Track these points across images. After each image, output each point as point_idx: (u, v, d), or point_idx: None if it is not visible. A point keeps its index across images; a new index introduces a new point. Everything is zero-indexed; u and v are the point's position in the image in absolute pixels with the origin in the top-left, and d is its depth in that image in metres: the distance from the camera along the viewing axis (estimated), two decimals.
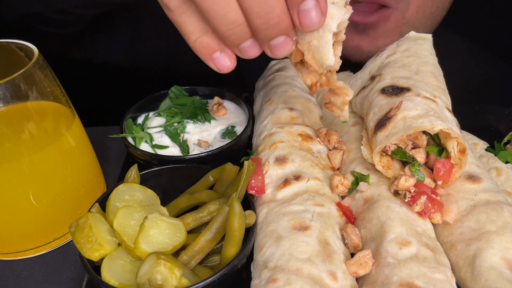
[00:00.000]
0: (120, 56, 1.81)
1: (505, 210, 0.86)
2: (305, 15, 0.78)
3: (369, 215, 0.91)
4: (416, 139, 0.96)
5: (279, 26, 0.79)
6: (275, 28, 0.79)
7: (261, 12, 0.76)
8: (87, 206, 1.00)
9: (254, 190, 0.96)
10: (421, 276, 0.77)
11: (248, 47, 0.83)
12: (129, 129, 1.20)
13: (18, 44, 1.01)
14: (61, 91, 1.04)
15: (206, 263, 0.91)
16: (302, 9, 0.78)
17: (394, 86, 1.03)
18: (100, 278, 0.82)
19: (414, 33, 1.18)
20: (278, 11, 0.77)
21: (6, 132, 0.94)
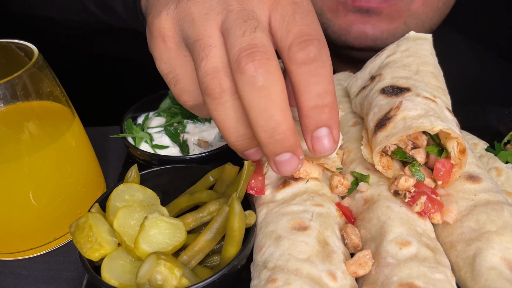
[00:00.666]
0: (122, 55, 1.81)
1: (505, 210, 0.86)
2: (318, 141, 0.81)
3: (369, 215, 0.91)
4: (416, 139, 0.96)
5: (284, 142, 0.79)
6: (280, 144, 0.79)
7: (266, 126, 0.77)
8: (87, 206, 1.00)
9: (254, 190, 0.96)
10: (421, 276, 0.77)
11: (252, 153, 0.90)
12: (129, 129, 1.20)
13: (18, 44, 1.01)
14: (61, 91, 1.04)
15: (206, 263, 0.91)
16: (315, 136, 0.80)
17: (394, 86, 1.03)
18: (100, 278, 0.82)
19: (414, 33, 1.18)
20: (284, 128, 0.78)
21: (6, 132, 0.94)
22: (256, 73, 0.75)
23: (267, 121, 0.77)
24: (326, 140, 0.81)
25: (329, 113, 0.80)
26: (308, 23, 0.80)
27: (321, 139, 0.81)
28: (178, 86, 0.89)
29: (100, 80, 1.91)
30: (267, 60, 0.75)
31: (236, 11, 0.80)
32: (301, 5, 0.82)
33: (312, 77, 0.77)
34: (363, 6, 1.47)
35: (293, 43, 0.78)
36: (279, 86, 0.76)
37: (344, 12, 1.51)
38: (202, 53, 0.80)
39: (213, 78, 0.79)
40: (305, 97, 0.78)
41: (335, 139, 0.82)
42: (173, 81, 0.89)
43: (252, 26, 0.78)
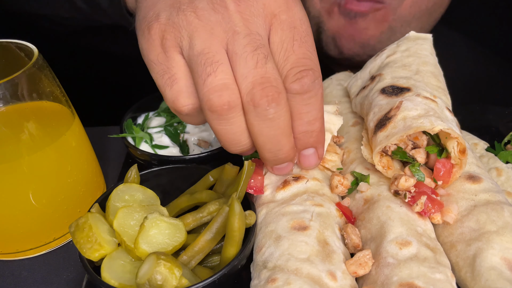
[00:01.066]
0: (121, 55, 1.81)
1: (505, 210, 0.86)
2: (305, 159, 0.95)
3: (369, 215, 0.91)
4: (416, 139, 0.96)
5: (285, 159, 0.92)
6: (281, 160, 0.92)
7: (273, 149, 0.88)
8: (87, 206, 1.00)
9: (253, 190, 0.96)
10: (421, 276, 0.76)
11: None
12: (129, 129, 1.20)
13: (18, 44, 1.01)
14: (61, 91, 1.04)
15: (206, 263, 0.91)
16: (303, 154, 0.94)
17: (394, 86, 1.03)
18: (100, 278, 0.82)
19: (414, 33, 1.18)
20: (286, 149, 0.89)
21: (6, 132, 0.94)
22: (268, 107, 0.82)
23: (274, 145, 0.87)
24: (312, 158, 0.95)
25: (316, 137, 0.91)
26: (305, 51, 0.86)
27: (308, 157, 0.94)
28: (175, 88, 0.87)
29: (100, 80, 1.91)
30: (278, 94, 0.82)
31: (243, 34, 0.83)
32: (300, 29, 0.86)
33: (304, 106, 0.86)
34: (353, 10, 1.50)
35: (289, 74, 0.85)
36: (286, 117, 0.85)
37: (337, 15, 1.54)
38: (209, 68, 0.81)
39: (221, 95, 0.81)
40: (297, 123, 0.88)
41: (320, 157, 0.96)
42: (169, 82, 0.88)
43: (263, 56, 0.83)
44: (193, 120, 0.94)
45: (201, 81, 0.82)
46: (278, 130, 0.85)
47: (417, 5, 1.51)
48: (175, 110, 0.91)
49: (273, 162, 0.92)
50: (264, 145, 0.87)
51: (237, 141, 0.88)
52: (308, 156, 0.94)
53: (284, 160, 0.92)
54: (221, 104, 0.81)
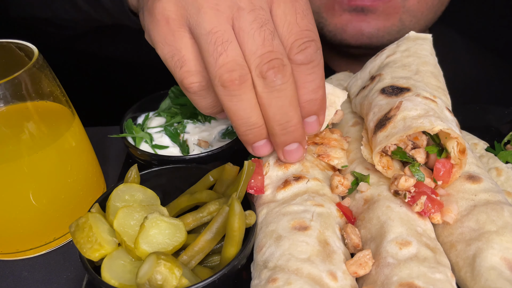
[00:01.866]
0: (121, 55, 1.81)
1: (505, 210, 0.86)
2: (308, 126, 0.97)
3: (369, 215, 0.91)
4: (416, 139, 0.96)
5: (294, 134, 0.93)
6: (291, 135, 0.94)
7: (282, 120, 0.91)
8: (87, 206, 1.00)
9: (253, 190, 0.96)
10: (421, 276, 0.77)
11: (261, 146, 0.97)
12: (129, 129, 1.20)
13: (18, 44, 1.01)
14: (61, 91, 1.04)
15: (206, 263, 0.91)
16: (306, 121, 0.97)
17: (394, 86, 1.03)
18: (100, 278, 0.82)
19: (414, 33, 1.18)
20: (295, 121, 0.92)
21: (6, 132, 0.94)
22: (276, 78, 0.86)
23: (282, 116, 0.90)
24: (314, 125, 0.98)
25: (319, 105, 0.95)
26: (307, 24, 0.90)
27: (310, 124, 0.97)
28: (184, 68, 0.91)
29: (100, 80, 1.91)
30: (284, 66, 0.86)
31: (247, 9, 0.87)
32: (301, 2, 0.91)
33: (308, 75, 0.91)
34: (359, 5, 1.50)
35: (294, 45, 0.89)
36: (293, 87, 0.89)
37: (340, 11, 1.53)
38: (219, 48, 0.86)
39: (233, 71, 0.86)
40: (302, 91, 0.92)
41: (320, 123, 0.99)
42: (179, 64, 0.91)
43: (269, 33, 0.87)
44: (202, 100, 0.96)
45: (212, 60, 0.86)
46: (286, 100, 0.89)
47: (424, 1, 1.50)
48: (184, 88, 0.94)
49: (283, 138, 0.93)
50: (274, 117, 0.90)
51: (248, 118, 0.91)
52: (311, 123, 0.96)
53: (293, 135, 0.93)
54: (232, 79, 0.85)
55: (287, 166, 1.00)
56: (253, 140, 0.96)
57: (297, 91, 0.91)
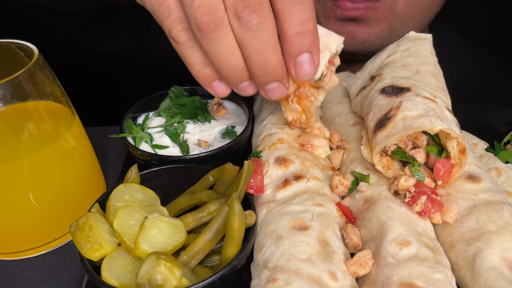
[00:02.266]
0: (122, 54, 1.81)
1: (505, 210, 0.86)
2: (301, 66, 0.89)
3: (369, 215, 0.91)
4: (416, 139, 0.96)
5: (274, 74, 0.89)
6: (270, 76, 0.90)
7: (259, 61, 0.87)
8: (87, 206, 1.00)
9: (253, 189, 0.96)
10: (421, 276, 0.77)
11: (246, 87, 0.94)
12: (129, 129, 1.20)
13: (18, 44, 1.01)
14: (61, 91, 1.04)
15: (206, 263, 0.91)
16: (298, 61, 0.89)
17: (394, 86, 1.03)
18: (100, 278, 0.82)
19: (414, 33, 1.18)
20: (273, 62, 0.87)
21: (6, 132, 0.94)
22: (250, 18, 0.82)
23: (260, 57, 0.86)
24: (308, 65, 0.89)
25: (311, 39, 0.87)
26: None
27: (303, 64, 0.89)
28: (171, 17, 0.89)
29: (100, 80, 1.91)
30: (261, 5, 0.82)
31: None
32: None
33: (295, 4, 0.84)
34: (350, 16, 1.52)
35: None
36: (270, 27, 0.84)
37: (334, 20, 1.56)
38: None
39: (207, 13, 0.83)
40: (289, 24, 0.85)
41: (316, 64, 0.90)
42: (166, 13, 0.89)
43: None
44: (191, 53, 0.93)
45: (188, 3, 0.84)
46: (262, 41, 0.85)
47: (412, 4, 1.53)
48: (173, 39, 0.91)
49: (262, 78, 0.90)
50: (251, 58, 0.87)
51: (227, 61, 0.88)
52: (304, 62, 0.89)
53: (272, 76, 0.90)
54: (207, 22, 0.83)
55: (287, 165, 1.00)
56: (236, 82, 0.93)
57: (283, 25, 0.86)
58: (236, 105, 1.32)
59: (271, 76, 0.90)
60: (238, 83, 0.93)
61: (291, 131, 1.10)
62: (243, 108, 1.29)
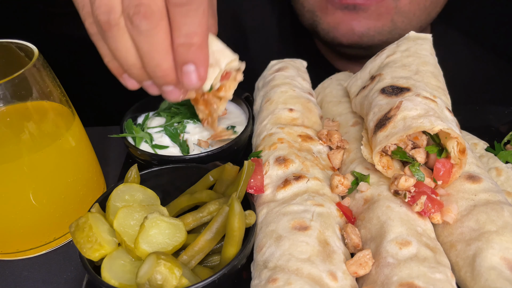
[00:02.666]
0: None
1: (505, 210, 0.86)
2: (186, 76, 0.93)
3: (369, 215, 0.91)
4: (416, 139, 0.96)
5: (165, 78, 0.93)
6: (162, 79, 0.94)
7: (150, 64, 0.92)
8: (87, 206, 1.00)
9: (253, 189, 0.96)
10: (421, 276, 0.77)
11: (149, 85, 0.98)
12: (129, 129, 1.20)
13: (18, 44, 1.01)
14: (61, 91, 1.04)
15: (206, 263, 0.91)
16: (184, 70, 0.93)
17: (394, 86, 1.03)
18: (100, 278, 0.82)
19: (414, 33, 1.18)
20: (164, 67, 0.92)
21: (6, 132, 0.94)
22: (140, 23, 0.87)
23: (150, 60, 0.91)
24: (192, 76, 0.93)
25: (196, 52, 0.92)
26: None
27: (188, 75, 0.93)
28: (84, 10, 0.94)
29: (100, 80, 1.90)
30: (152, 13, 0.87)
31: None
32: None
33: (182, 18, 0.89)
34: (350, 3, 1.50)
35: None
36: (161, 34, 0.89)
37: (332, 10, 1.54)
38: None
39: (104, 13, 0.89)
40: (175, 34, 0.91)
41: (201, 76, 0.94)
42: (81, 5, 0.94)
43: None
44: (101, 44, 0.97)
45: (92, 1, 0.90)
46: (152, 45, 0.89)
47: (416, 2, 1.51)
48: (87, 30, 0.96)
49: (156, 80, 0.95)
50: (144, 60, 0.92)
51: (125, 58, 0.93)
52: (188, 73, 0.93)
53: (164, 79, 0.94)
54: (104, 21, 0.89)
55: (287, 165, 1.00)
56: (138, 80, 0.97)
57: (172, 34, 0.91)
58: (236, 105, 1.32)
59: (163, 79, 0.94)
60: (140, 81, 0.97)
61: (291, 131, 1.10)
62: (243, 108, 1.29)
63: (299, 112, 1.17)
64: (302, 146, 1.07)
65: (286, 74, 1.31)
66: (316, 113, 1.20)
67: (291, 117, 1.15)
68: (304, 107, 1.19)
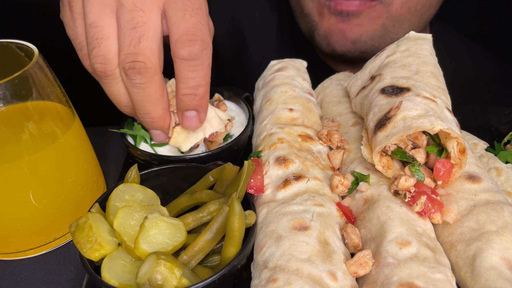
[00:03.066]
0: None
1: (505, 210, 0.86)
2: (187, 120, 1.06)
3: (369, 215, 0.91)
4: (416, 139, 0.96)
5: (153, 124, 1.07)
6: (150, 124, 1.07)
7: (140, 111, 1.04)
8: (87, 206, 1.00)
9: (253, 189, 0.96)
10: (421, 276, 0.77)
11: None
12: (129, 128, 1.20)
13: (18, 44, 1.01)
14: (61, 91, 1.04)
15: (206, 263, 0.91)
16: (185, 115, 1.06)
17: (394, 86, 1.03)
18: (100, 278, 0.82)
19: (414, 33, 1.18)
20: (153, 115, 1.04)
21: (6, 132, 0.94)
22: (134, 77, 0.96)
23: (141, 108, 1.03)
24: (193, 120, 1.06)
25: (199, 101, 1.03)
26: (195, 22, 0.97)
27: (189, 119, 1.06)
28: (82, 52, 1.02)
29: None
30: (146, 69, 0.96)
31: (127, 8, 0.96)
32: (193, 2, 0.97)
33: (189, 72, 0.98)
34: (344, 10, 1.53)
35: (179, 40, 0.96)
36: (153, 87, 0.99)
37: (328, 15, 1.57)
38: (94, 42, 0.97)
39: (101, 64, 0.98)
40: (181, 86, 1.00)
41: (201, 120, 1.08)
42: (79, 47, 1.03)
43: (138, 36, 0.95)
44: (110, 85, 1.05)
45: (89, 50, 0.98)
46: (143, 97, 0.99)
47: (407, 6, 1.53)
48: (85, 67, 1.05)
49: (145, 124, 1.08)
50: (135, 106, 1.03)
51: (119, 101, 1.05)
52: (190, 118, 1.05)
53: (152, 125, 1.07)
54: (100, 71, 0.99)
55: (287, 165, 1.01)
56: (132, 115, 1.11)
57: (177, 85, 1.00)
58: (236, 105, 1.32)
59: (151, 125, 1.07)
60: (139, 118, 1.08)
61: (291, 131, 1.10)
62: (243, 108, 1.29)
63: (299, 112, 1.17)
64: (302, 146, 1.07)
65: (286, 74, 1.31)
66: (316, 113, 1.20)
67: (291, 117, 1.15)
68: (304, 107, 1.19)
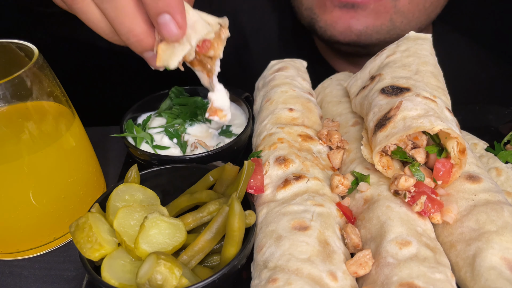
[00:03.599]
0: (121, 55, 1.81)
1: (505, 210, 0.86)
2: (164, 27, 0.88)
3: (369, 215, 0.91)
4: (416, 139, 0.96)
5: (141, 44, 0.91)
6: (138, 45, 0.91)
7: (121, 31, 0.90)
8: (87, 206, 1.00)
9: (253, 189, 0.96)
10: (421, 276, 0.77)
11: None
12: (129, 129, 1.20)
13: (18, 44, 1.01)
14: (61, 91, 1.04)
15: (206, 263, 0.91)
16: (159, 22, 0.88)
17: (394, 86, 1.03)
18: (100, 278, 0.82)
19: (414, 33, 1.18)
20: (136, 31, 0.89)
21: (6, 132, 0.94)
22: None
23: (120, 27, 0.89)
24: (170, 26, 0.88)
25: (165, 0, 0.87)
26: None
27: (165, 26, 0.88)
28: None
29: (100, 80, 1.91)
30: None
31: None
32: None
33: None
34: (349, 1, 1.49)
35: None
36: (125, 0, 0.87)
37: (331, 8, 1.53)
38: None
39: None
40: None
41: (180, 24, 0.89)
42: None
43: None
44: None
45: None
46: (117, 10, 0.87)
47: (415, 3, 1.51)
48: None
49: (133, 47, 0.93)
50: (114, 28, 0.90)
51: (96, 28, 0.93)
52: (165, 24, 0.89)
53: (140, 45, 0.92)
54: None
55: (287, 165, 1.00)
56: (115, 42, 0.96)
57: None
58: (236, 105, 1.32)
59: (139, 45, 0.91)
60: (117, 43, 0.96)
61: (291, 131, 1.10)
62: (243, 108, 1.29)
63: (299, 112, 1.17)
64: (302, 146, 1.07)
65: (286, 74, 1.31)
66: (316, 113, 1.20)
67: (291, 116, 1.15)
68: (304, 107, 1.19)
